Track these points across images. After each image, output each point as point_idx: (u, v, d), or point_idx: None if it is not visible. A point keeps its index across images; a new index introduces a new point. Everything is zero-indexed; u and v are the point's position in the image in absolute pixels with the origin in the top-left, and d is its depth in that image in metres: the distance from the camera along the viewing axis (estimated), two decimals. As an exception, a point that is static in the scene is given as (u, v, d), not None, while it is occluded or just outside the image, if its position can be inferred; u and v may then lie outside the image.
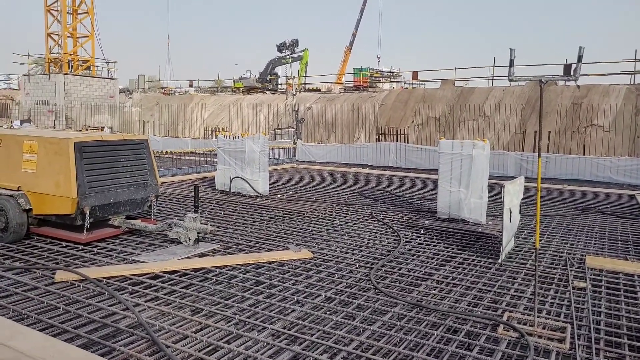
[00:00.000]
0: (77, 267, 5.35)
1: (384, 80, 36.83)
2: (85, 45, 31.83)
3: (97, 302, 4.40)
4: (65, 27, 30.46)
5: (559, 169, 15.31)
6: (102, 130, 22.74)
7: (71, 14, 31.01)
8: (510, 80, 4.40)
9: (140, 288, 4.81)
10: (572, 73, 4.27)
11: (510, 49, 4.31)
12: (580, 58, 3.99)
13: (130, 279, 5.06)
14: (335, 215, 8.85)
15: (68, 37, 31.04)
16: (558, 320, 4.24)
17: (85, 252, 6.04)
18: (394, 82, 36.61)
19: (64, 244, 6.35)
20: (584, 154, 16.62)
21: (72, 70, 30.83)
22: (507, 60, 4.34)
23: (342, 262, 5.90)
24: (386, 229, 7.86)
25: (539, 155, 4.15)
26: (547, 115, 19.42)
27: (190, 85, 43.04)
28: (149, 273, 5.21)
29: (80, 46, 31.72)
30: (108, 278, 5.00)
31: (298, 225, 7.98)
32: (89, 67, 32.19)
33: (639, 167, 14.31)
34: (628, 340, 3.94)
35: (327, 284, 5.13)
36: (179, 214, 8.34)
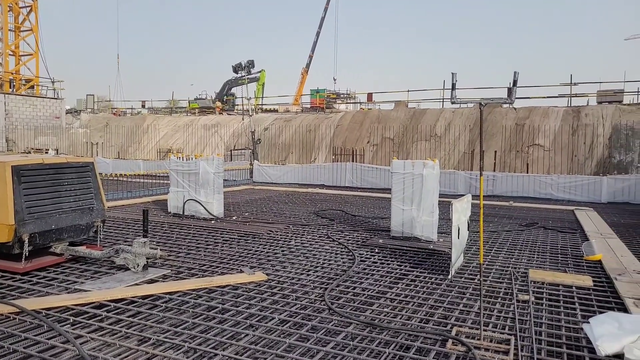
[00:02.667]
0: (13, 299, 5.02)
1: (340, 102, 37.55)
2: (28, 63, 30.55)
3: (35, 335, 4.13)
4: (7, 44, 29.16)
5: (505, 187, 16.04)
6: (46, 152, 21.72)
7: (13, 31, 29.76)
8: (453, 103, 4.61)
9: (83, 319, 4.57)
10: (508, 96, 4.53)
11: (452, 73, 4.53)
12: (515, 82, 4.25)
13: (73, 309, 4.80)
14: (291, 236, 8.82)
15: (10, 55, 29.70)
16: (503, 333, 4.39)
17: (24, 283, 5.68)
18: (349, 103, 37.39)
19: (-1, 274, 5.96)
20: (527, 172, 17.52)
21: (14, 90, 29.43)
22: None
23: (297, 284, 5.87)
24: (341, 248, 7.91)
25: (481, 174, 4.34)
26: (492, 136, 20.38)
27: (143, 106, 42.10)
28: (93, 302, 4.96)
29: (23, 64, 30.41)
30: (47, 309, 4.72)
31: (253, 247, 7.89)
32: (32, 87, 30.86)
33: (577, 184, 15.24)
34: (567, 349, 4.13)
35: (282, 306, 5.07)
36: (127, 239, 8.05)
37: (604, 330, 4.11)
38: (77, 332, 4.24)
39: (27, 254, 5.88)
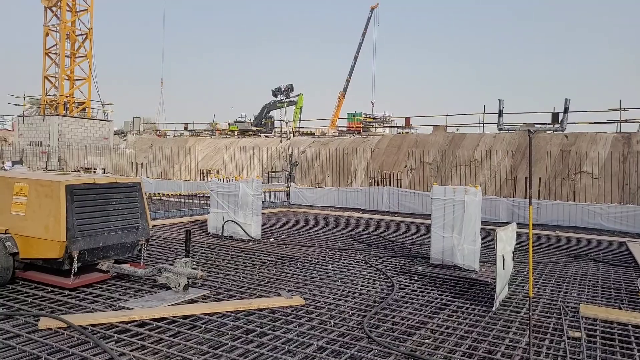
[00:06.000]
0: (61, 314, 5.19)
1: (377, 125, 37.61)
2: (82, 87, 32.32)
3: (81, 351, 4.25)
4: (63, 69, 31.00)
5: (550, 215, 15.41)
6: (94, 171, 22.72)
7: (69, 57, 31.63)
8: (500, 130, 4.52)
9: (126, 336, 4.67)
10: (559, 123, 4.39)
11: (499, 99, 4.46)
12: (566, 109, 4.13)
13: (117, 326, 4.91)
14: (328, 260, 8.76)
15: (65, 79, 31.54)
16: (555, 373, 4.15)
17: (71, 298, 5.88)
18: (387, 127, 37.36)
19: (49, 289, 6.18)
20: (574, 201, 16.81)
21: (68, 112, 31.13)
22: (497, 108, 4.48)
23: (335, 310, 5.79)
24: (379, 275, 7.78)
25: (530, 203, 4.20)
26: (536, 162, 19.75)
27: (185, 128, 43.53)
28: (136, 320, 5.07)
29: (76, 88, 32.18)
30: (93, 325, 4.85)
31: (290, 270, 7.88)
32: (84, 109, 32.54)
33: (629, 215, 14.44)
34: (627, 394, 3.85)
35: (319, 332, 5.01)
36: (169, 258, 8.22)
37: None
38: (121, 350, 4.32)
39: (75, 270, 6.10)
